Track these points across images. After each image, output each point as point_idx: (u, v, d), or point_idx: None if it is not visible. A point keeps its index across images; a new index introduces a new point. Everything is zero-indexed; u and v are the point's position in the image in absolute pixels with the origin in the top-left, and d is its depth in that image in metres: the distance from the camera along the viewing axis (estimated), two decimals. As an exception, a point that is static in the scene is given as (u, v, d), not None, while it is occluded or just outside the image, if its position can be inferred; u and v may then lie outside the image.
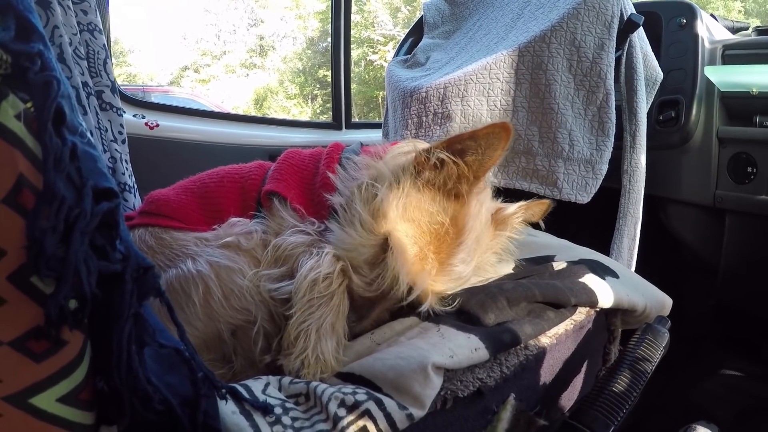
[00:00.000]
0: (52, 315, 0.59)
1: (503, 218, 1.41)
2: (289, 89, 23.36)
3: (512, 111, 2.11)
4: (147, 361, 0.72)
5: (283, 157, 1.54)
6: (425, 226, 1.23)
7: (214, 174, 1.54)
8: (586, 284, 1.33)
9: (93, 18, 2.15)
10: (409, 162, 1.28)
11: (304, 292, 1.20)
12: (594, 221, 2.39)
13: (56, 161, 0.60)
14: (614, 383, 1.13)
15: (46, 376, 0.64)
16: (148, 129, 2.83)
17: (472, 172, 1.20)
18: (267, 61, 24.98)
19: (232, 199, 1.45)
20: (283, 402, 0.96)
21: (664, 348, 1.24)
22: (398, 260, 1.20)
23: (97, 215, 0.63)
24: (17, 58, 0.58)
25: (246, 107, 23.55)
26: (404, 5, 20.92)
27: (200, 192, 1.47)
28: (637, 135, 2.04)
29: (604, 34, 1.94)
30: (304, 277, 1.21)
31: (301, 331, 1.16)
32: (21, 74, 0.59)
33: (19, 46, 0.59)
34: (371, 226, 1.24)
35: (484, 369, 1.09)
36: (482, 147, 1.16)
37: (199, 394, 0.79)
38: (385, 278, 1.22)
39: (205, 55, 25.41)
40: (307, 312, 1.19)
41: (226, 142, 3.13)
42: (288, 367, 1.15)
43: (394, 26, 20.86)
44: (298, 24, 24.23)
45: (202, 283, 1.21)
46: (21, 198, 0.59)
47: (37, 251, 0.58)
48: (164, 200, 1.42)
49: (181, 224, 1.37)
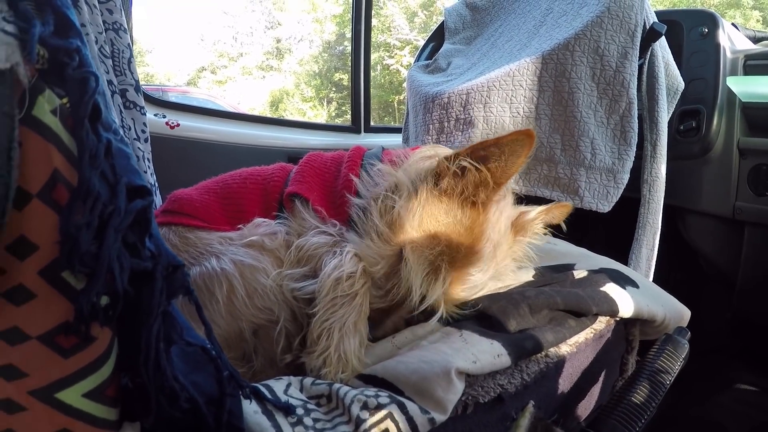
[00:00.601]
0: (83, 311, 0.60)
1: (524, 223, 1.41)
2: (305, 92, 23.41)
3: (535, 118, 2.11)
4: (174, 359, 0.73)
5: (305, 159, 1.54)
6: (443, 234, 1.22)
7: (237, 175, 1.54)
8: (607, 293, 1.32)
9: (118, 17, 2.17)
10: (430, 168, 1.28)
11: (328, 290, 1.21)
12: (611, 230, 2.37)
13: (92, 158, 0.61)
14: (633, 394, 1.13)
15: (73, 371, 0.64)
16: (169, 128, 2.84)
17: (494, 179, 1.19)
18: (283, 64, 25.05)
19: (254, 200, 1.46)
20: (305, 403, 0.96)
21: (683, 359, 1.24)
22: (412, 271, 1.20)
23: (130, 213, 0.63)
24: (55, 53, 0.58)
25: (262, 109, 23.61)
26: (421, 10, 20.93)
27: (223, 193, 1.48)
28: (657, 145, 2.03)
29: (627, 42, 1.94)
30: (328, 276, 1.23)
31: (324, 329, 1.17)
32: (58, 70, 0.59)
33: (57, 41, 0.59)
34: (387, 237, 1.25)
35: (505, 375, 1.09)
36: (506, 154, 1.15)
37: (225, 393, 0.79)
38: (399, 288, 1.23)
39: (222, 57, 25.51)
40: (330, 310, 1.20)
41: (246, 143, 3.14)
42: (310, 365, 1.16)
43: (411, 30, 20.87)
44: (314, 27, 24.28)
45: (226, 281, 1.22)
46: (55, 193, 0.60)
47: (71, 247, 0.58)
48: (187, 200, 1.43)
49: (204, 224, 1.37)
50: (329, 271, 1.23)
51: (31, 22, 0.55)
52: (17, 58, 0.54)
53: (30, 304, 0.60)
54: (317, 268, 1.27)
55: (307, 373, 1.15)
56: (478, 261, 1.24)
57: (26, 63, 0.55)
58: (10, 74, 0.54)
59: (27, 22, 0.55)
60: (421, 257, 1.21)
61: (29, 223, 0.59)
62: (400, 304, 1.25)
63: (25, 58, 0.55)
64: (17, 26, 0.54)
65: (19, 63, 0.54)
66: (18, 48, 0.54)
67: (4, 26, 0.52)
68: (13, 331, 0.61)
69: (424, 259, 1.21)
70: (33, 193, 0.59)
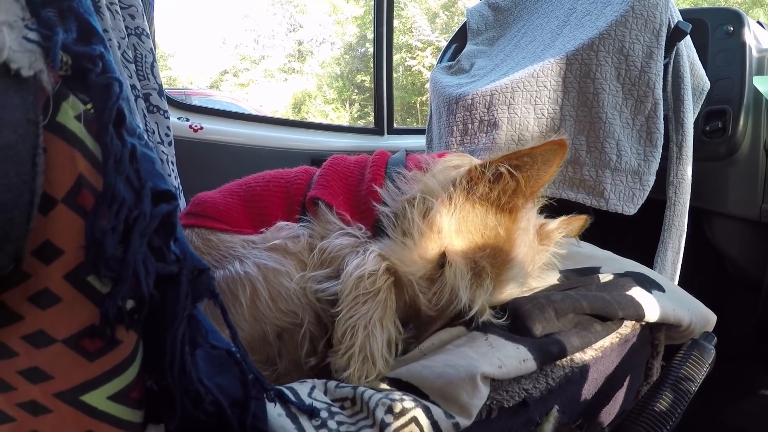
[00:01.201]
0: (109, 315, 0.60)
1: (547, 233, 1.41)
2: (327, 94, 23.46)
3: (560, 120, 2.10)
4: (199, 361, 0.73)
5: (329, 163, 1.54)
6: (480, 240, 1.22)
7: (260, 178, 1.55)
8: (633, 297, 1.31)
9: (140, 22, 2.17)
10: (461, 176, 1.27)
11: (350, 289, 1.21)
12: (637, 233, 2.35)
13: (116, 163, 0.61)
14: (658, 400, 1.12)
15: (98, 374, 0.65)
16: (192, 132, 2.86)
17: (528, 187, 1.19)
18: (305, 66, 25.13)
19: (277, 203, 1.46)
20: (329, 406, 0.97)
21: (709, 365, 1.23)
22: (457, 274, 1.19)
23: (156, 217, 0.63)
24: (78, 59, 0.59)
25: (284, 111, 23.70)
26: (442, 11, 20.90)
27: (246, 196, 1.48)
28: (683, 146, 2.01)
29: (652, 42, 1.92)
30: (350, 275, 1.22)
31: (348, 327, 1.17)
32: (82, 76, 0.60)
33: (80, 48, 0.59)
34: (430, 237, 1.24)
35: (530, 380, 1.08)
36: (538, 163, 1.16)
37: (249, 396, 0.80)
38: (443, 294, 1.21)
39: (244, 60, 25.62)
40: (353, 308, 1.19)
41: (269, 146, 3.15)
42: (335, 365, 1.15)
43: (432, 32, 20.84)
44: (336, 29, 24.34)
45: (250, 284, 1.23)
46: (80, 198, 0.60)
47: (97, 251, 0.59)
48: (211, 202, 1.44)
49: (227, 227, 1.38)
50: (351, 269, 1.23)
51: (54, 30, 0.56)
52: (41, 65, 0.54)
53: (55, 308, 0.61)
54: (340, 269, 1.27)
55: (333, 373, 1.15)
56: (515, 266, 1.25)
57: (50, 70, 0.56)
58: (34, 81, 0.55)
59: (50, 30, 0.55)
60: (464, 261, 1.21)
61: (54, 227, 0.59)
62: (444, 311, 1.24)
63: (48, 65, 0.55)
64: (40, 33, 0.55)
65: (43, 70, 0.55)
66: (41, 55, 0.54)
67: (27, 34, 0.53)
68: (39, 335, 0.61)
69: (467, 264, 1.21)
70: (58, 199, 0.59)
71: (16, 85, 0.53)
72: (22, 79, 0.53)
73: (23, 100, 0.54)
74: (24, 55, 0.53)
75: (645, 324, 1.35)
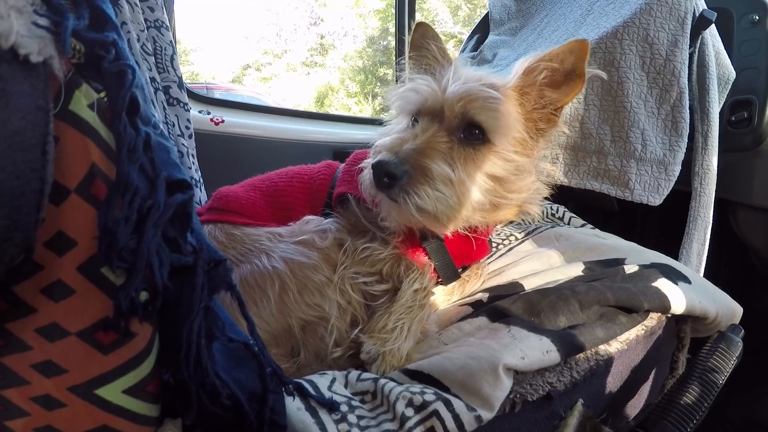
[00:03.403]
0: (122, 306, 0.60)
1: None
2: (349, 87, 23.51)
3: (584, 109, 2.09)
4: (215, 355, 0.73)
5: (352, 159, 1.57)
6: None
7: (283, 174, 1.58)
8: (659, 289, 1.29)
9: (159, 15, 2.19)
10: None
11: (407, 298, 1.33)
12: (662, 224, 2.33)
13: (130, 151, 0.60)
14: (685, 394, 1.11)
15: (113, 367, 0.65)
16: (214, 125, 2.87)
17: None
18: (328, 60, 25.17)
19: (301, 198, 1.51)
20: (349, 399, 0.97)
21: (737, 358, 1.21)
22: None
23: (170, 207, 0.63)
24: (91, 47, 0.58)
25: (307, 105, 23.78)
26: (464, 3, 20.87)
27: (269, 191, 1.51)
28: (709, 136, 1.98)
29: (677, 30, 1.90)
30: (410, 286, 1.35)
31: (397, 325, 1.26)
32: (95, 63, 0.59)
33: (92, 35, 0.59)
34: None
35: (554, 373, 1.07)
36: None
37: (267, 390, 0.79)
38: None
39: (266, 54, 25.70)
40: (405, 313, 1.30)
41: (290, 139, 3.14)
42: (367, 347, 1.23)
43: (455, 24, 20.82)
44: (358, 22, 24.37)
45: (279, 279, 1.25)
46: (93, 188, 0.60)
47: (109, 242, 0.58)
48: (233, 197, 1.46)
49: (251, 221, 1.40)
50: (410, 283, 1.36)
51: (64, 16, 0.55)
52: (51, 51, 0.54)
53: (69, 300, 0.61)
54: (386, 273, 1.39)
55: (361, 354, 1.22)
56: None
57: (61, 57, 0.55)
58: (44, 68, 0.54)
59: (60, 16, 0.55)
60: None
61: (67, 218, 0.59)
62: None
63: (59, 51, 0.54)
64: (50, 19, 0.54)
65: (53, 56, 0.54)
66: (52, 41, 0.54)
67: (36, 20, 0.52)
68: (53, 327, 0.61)
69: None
70: (71, 188, 0.59)
71: (25, 71, 0.52)
72: (31, 65, 0.52)
73: (32, 86, 0.53)
74: (33, 40, 0.52)
75: (671, 316, 1.34)
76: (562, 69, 1.31)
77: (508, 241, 1.81)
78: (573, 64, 1.30)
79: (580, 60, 1.28)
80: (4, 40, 0.49)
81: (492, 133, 1.30)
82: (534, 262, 1.59)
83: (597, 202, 2.07)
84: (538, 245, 1.72)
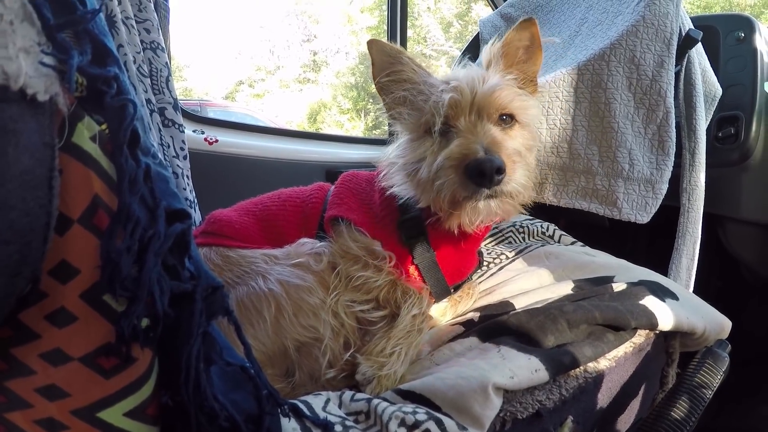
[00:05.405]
0: (124, 333, 0.61)
1: None
2: (342, 104, 23.54)
3: (572, 130, 2.12)
4: (213, 378, 0.74)
5: (341, 181, 1.62)
6: None
7: (276, 197, 1.60)
8: (646, 306, 1.32)
9: (155, 36, 2.20)
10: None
11: (406, 323, 1.37)
12: (653, 239, 2.36)
13: (131, 183, 0.62)
14: (673, 409, 1.14)
15: (114, 391, 0.66)
16: (207, 144, 2.87)
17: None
18: (320, 76, 25.22)
19: (293, 222, 1.53)
20: (343, 419, 0.99)
21: (723, 373, 1.24)
22: None
23: (170, 236, 0.64)
24: (93, 81, 0.59)
25: (300, 122, 23.78)
26: (456, 20, 20.94)
27: (262, 215, 1.54)
28: (696, 153, 2.03)
29: (663, 51, 1.93)
30: (408, 313, 1.39)
31: (395, 350, 1.31)
32: (97, 97, 0.60)
33: (96, 70, 0.60)
34: None
35: (543, 391, 1.10)
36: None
37: (264, 412, 0.80)
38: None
39: (259, 70, 25.74)
40: (403, 338, 1.35)
41: (283, 158, 3.14)
42: (362, 368, 1.27)
43: (446, 41, 20.88)
44: (351, 39, 24.42)
45: (275, 301, 1.28)
46: (96, 218, 0.61)
47: (112, 271, 0.59)
48: (226, 221, 1.49)
49: (245, 245, 1.42)
50: (408, 309, 1.40)
51: (69, 53, 0.56)
52: (56, 88, 0.55)
53: (72, 327, 0.62)
54: (383, 299, 1.43)
55: (356, 375, 1.26)
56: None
57: (65, 92, 0.57)
58: (50, 105, 0.56)
59: (65, 53, 0.56)
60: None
61: (70, 247, 0.60)
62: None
63: (63, 88, 0.56)
64: (56, 58, 0.55)
65: (59, 93, 0.55)
66: (57, 79, 0.55)
67: (42, 58, 0.54)
68: (56, 353, 0.62)
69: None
70: (74, 219, 0.60)
71: (33, 109, 0.54)
72: (38, 103, 0.54)
73: (39, 123, 0.55)
74: (40, 79, 0.53)
75: (659, 332, 1.37)
76: (525, 44, 1.49)
77: (499, 259, 1.84)
78: (530, 39, 1.48)
79: (535, 34, 1.47)
80: (14, 81, 0.50)
81: (520, 114, 1.43)
82: (524, 281, 1.61)
83: (588, 219, 2.10)
84: (529, 264, 1.75)
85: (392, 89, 1.50)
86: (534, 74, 1.55)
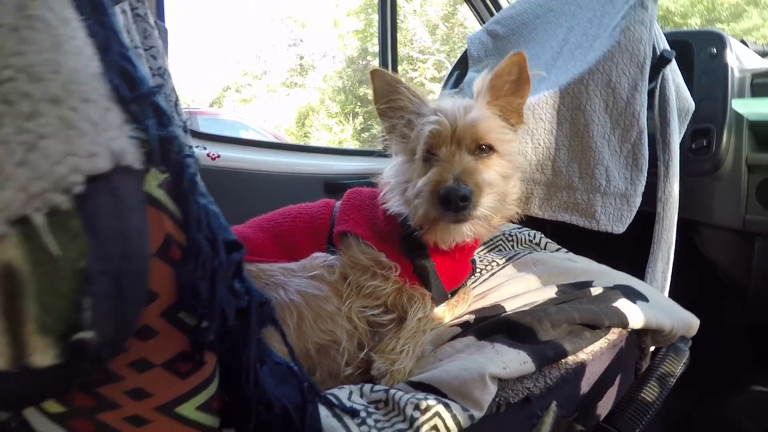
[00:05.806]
0: (202, 344, 0.76)
1: None
2: (330, 107, 23.28)
3: (555, 149, 2.26)
4: (266, 375, 0.90)
5: (346, 198, 1.76)
6: None
7: (286, 213, 1.73)
8: (618, 308, 1.48)
9: (162, 62, 2.26)
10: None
11: (413, 325, 1.51)
12: (633, 243, 2.47)
13: (196, 222, 0.75)
14: (641, 393, 1.35)
15: (189, 389, 0.79)
16: (210, 160, 2.90)
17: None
18: (307, 80, 24.99)
19: (305, 237, 1.66)
20: (366, 407, 1.15)
21: (684, 363, 1.44)
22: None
23: (232, 264, 0.79)
24: (158, 141, 0.71)
25: (287, 126, 23.53)
26: (442, 22, 20.83)
27: (274, 231, 1.67)
28: (670, 165, 2.14)
29: (637, 75, 2.05)
30: (414, 315, 1.53)
31: (404, 348, 1.44)
32: (162, 153, 0.72)
33: (162, 132, 0.72)
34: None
35: (531, 380, 1.27)
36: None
37: (307, 401, 0.98)
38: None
39: (246, 75, 25.46)
40: (411, 338, 1.48)
41: (283, 172, 3.19)
42: (377, 364, 1.41)
43: (433, 43, 20.79)
44: (337, 43, 24.25)
45: (296, 309, 1.40)
46: (170, 252, 0.73)
47: (189, 295, 0.73)
48: (242, 237, 1.57)
49: (261, 259, 1.53)
50: (414, 312, 1.54)
51: (146, 123, 0.69)
52: (140, 155, 0.67)
53: (154, 340, 0.74)
54: (391, 304, 1.58)
55: (372, 370, 1.41)
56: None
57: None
58: (143, 172, 0.68)
59: (141, 123, 0.68)
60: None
61: (151, 276, 0.71)
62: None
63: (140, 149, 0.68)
64: (137, 128, 0.67)
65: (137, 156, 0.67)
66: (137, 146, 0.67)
67: (130, 132, 0.65)
68: (142, 362, 0.74)
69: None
70: (153, 253, 0.71)
71: (134, 176, 0.66)
72: (134, 170, 0.65)
73: (135, 186, 0.67)
74: (134, 151, 0.65)
75: (631, 330, 1.53)
76: (513, 78, 1.58)
77: (491, 266, 1.96)
78: (518, 73, 1.57)
79: (523, 68, 1.56)
80: (122, 158, 0.61)
81: (498, 146, 1.54)
82: (514, 285, 1.76)
83: (573, 225, 2.25)
84: (518, 270, 1.88)
85: (389, 115, 1.63)
86: (519, 106, 1.65)
